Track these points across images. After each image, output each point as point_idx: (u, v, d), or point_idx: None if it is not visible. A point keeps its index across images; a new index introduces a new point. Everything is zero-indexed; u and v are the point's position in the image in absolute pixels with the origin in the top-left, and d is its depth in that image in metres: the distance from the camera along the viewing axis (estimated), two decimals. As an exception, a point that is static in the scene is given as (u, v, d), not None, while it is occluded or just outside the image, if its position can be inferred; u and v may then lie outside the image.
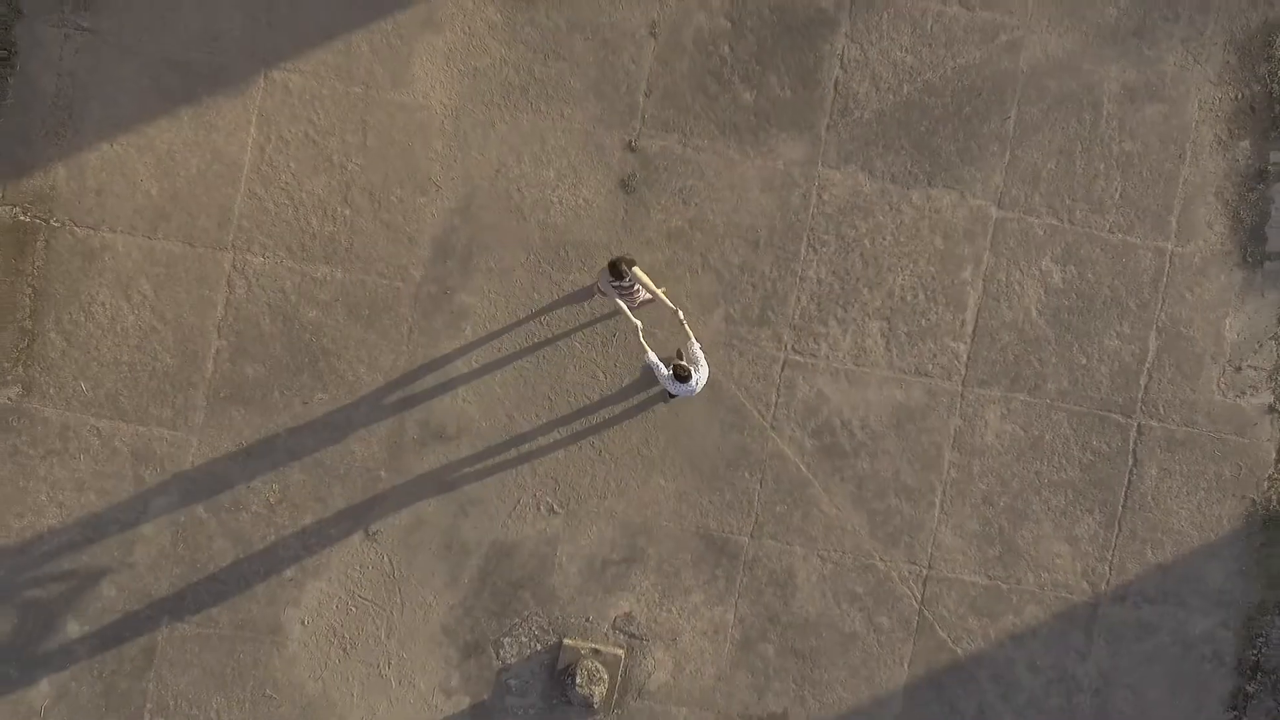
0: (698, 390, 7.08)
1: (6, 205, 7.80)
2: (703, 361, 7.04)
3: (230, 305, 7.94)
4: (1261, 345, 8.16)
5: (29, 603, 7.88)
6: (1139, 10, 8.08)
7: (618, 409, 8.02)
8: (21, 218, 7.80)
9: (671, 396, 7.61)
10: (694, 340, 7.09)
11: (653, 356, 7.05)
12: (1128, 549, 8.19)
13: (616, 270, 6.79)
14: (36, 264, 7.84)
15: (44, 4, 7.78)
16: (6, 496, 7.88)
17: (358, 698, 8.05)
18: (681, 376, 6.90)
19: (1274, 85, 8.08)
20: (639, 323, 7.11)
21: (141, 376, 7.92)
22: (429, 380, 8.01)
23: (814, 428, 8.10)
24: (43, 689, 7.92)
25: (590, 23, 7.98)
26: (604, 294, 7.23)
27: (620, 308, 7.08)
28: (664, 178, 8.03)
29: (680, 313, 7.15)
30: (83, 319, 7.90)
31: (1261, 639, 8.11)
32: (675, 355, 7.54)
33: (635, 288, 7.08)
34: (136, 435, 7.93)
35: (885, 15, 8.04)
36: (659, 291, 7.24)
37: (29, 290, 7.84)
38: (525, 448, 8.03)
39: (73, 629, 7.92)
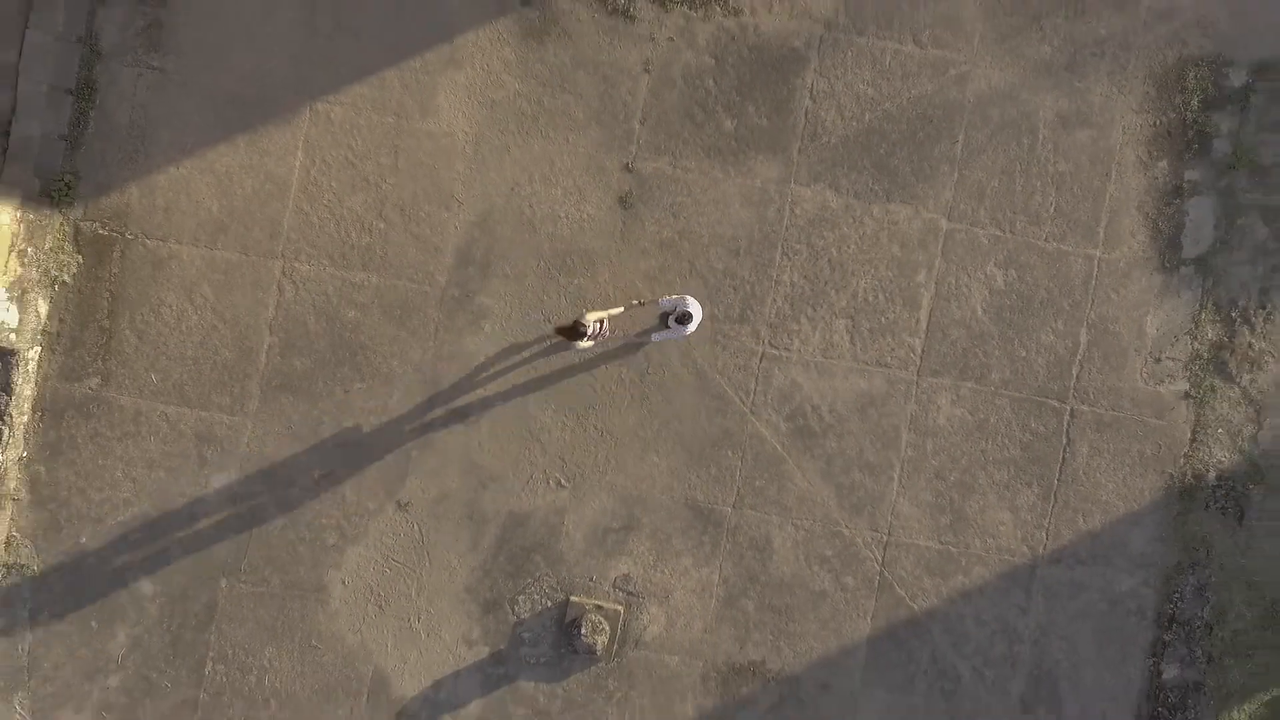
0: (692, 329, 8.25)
1: (88, 221, 9.02)
2: (692, 303, 8.21)
3: (280, 306, 9.17)
4: (1178, 340, 9.37)
5: (107, 565, 9.12)
6: (1070, 47, 9.30)
7: (617, 396, 9.23)
8: (100, 231, 9.03)
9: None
10: (669, 298, 8.29)
11: (657, 336, 8.34)
12: (1062, 517, 9.40)
13: (576, 333, 7.93)
14: (113, 271, 9.06)
15: (120, 47, 9.00)
16: (88, 473, 9.11)
17: (391, 648, 9.28)
18: (682, 320, 8.11)
19: (1187, 113, 9.29)
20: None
21: (204, 369, 9.15)
22: (453, 371, 9.23)
23: (788, 412, 9.32)
24: (119, 639, 9.15)
25: (592, 60, 9.20)
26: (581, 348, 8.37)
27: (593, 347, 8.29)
28: (656, 195, 9.24)
29: (643, 301, 8.40)
30: (152, 319, 9.13)
31: (1178, 595, 9.32)
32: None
33: (601, 329, 8.17)
34: (199, 420, 9.15)
35: (849, 53, 9.26)
36: (619, 310, 8.40)
37: (107, 294, 9.07)
38: (536, 430, 9.25)
39: (145, 588, 9.15)
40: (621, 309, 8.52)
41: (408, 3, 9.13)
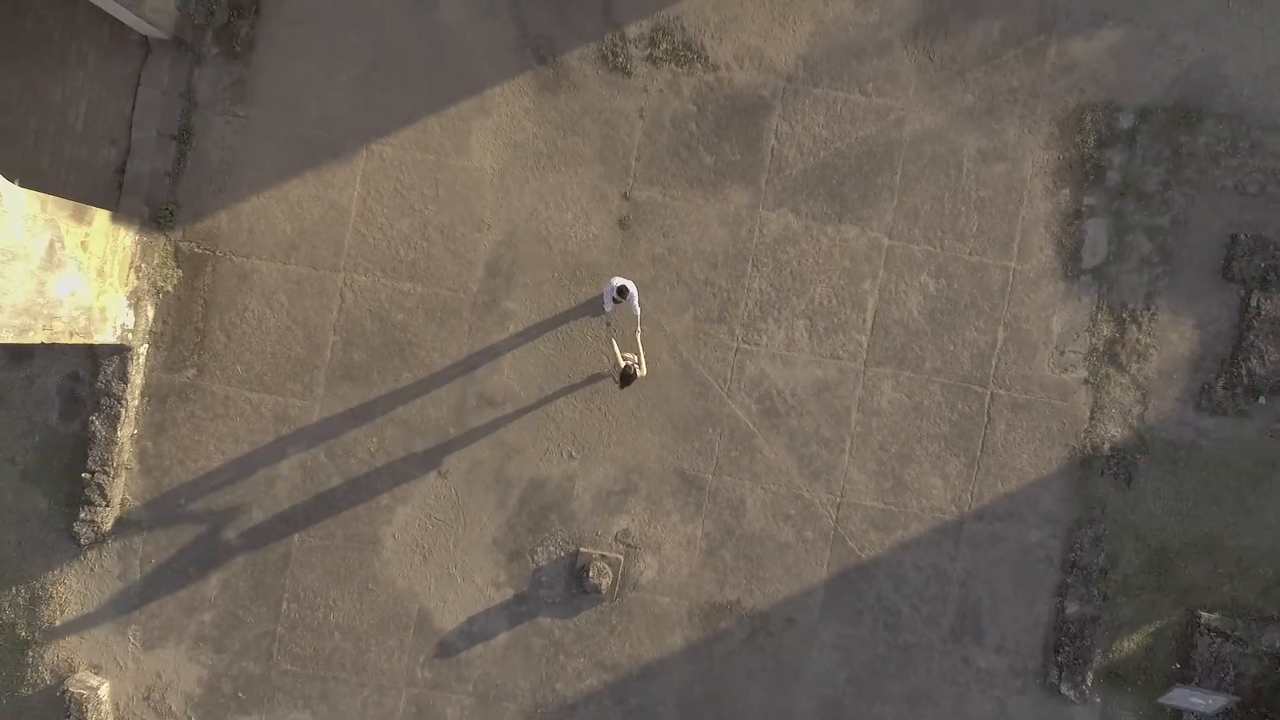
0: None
1: (186, 242, 11.12)
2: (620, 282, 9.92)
3: (342, 311, 11.26)
4: (1078, 336, 11.44)
5: (202, 522, 11.22)
6: (988, 96, 11.37)
7: (615, 382, 11.28)
8: (196, 250, 11.12)
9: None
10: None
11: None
12: (983, 482, 11.48)
13: (628, 377, 9.99)
14: (206, 282, 11.16)
15: (212, 100, 11.10)
16: (186, 447, 11.22)
17: (433, 590, 11.37)
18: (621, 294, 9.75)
19: (1085, 150, 11.35)
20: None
21: (280, 362, 11.24)
22: (483, 363, 11.32)
23: (758, 396, 11.40)
24: (212, 583, 11.25)
25: (596, 108, 11.28)
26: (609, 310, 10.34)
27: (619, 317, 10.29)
28: (649, 218, 11.32)
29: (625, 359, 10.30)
30: (238, 321, 11.23)
31: (1078, 545, 11.39)
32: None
33: (630, 301, 10.11)
34: (276, 403, 11.25)
35: (807, 101, 11.33)
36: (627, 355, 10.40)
37: (201, 301, 11.16)
38: (552, 411, 11.34)
39: (232, 540, 11.25)
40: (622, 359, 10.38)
41: (445, 62, 11.22)
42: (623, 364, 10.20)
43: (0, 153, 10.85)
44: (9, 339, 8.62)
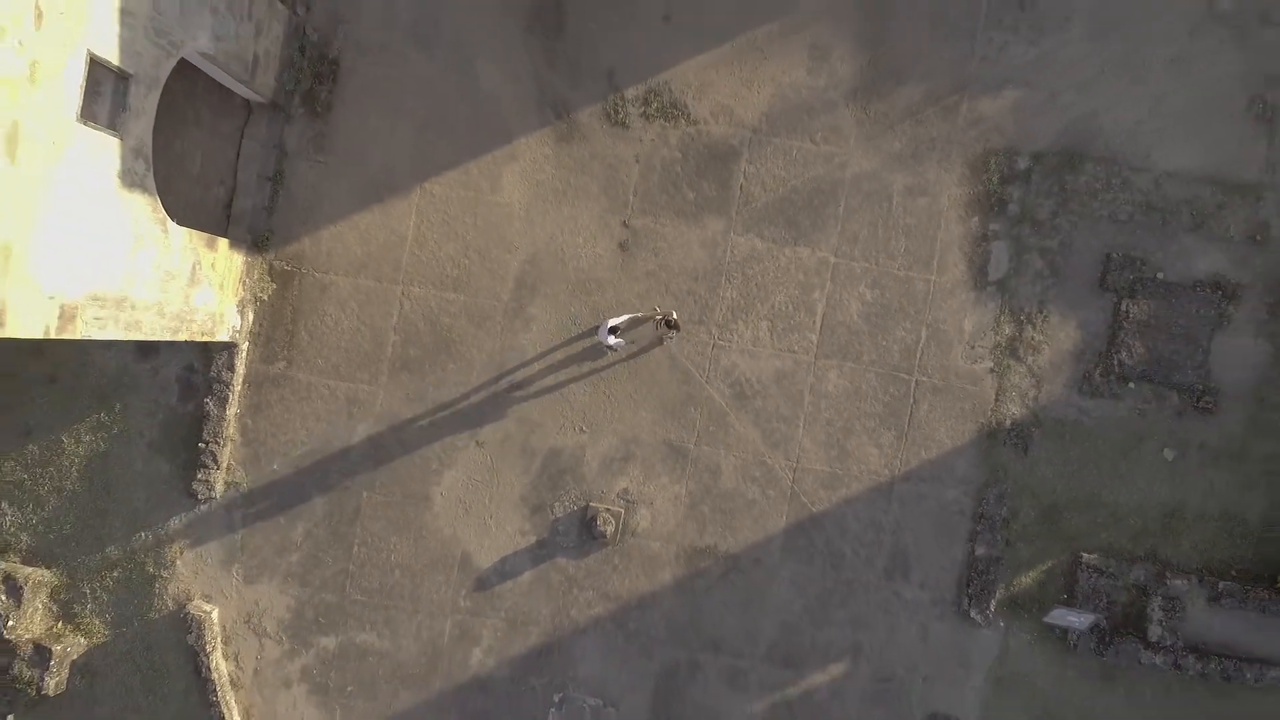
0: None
1: (278, 261, 14.17)
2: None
3: (401, 315, 14.30)
4: (985, 334, 14.46)
5: (290, 483, 14.26)
6: (913, 144, 14.39)
7: (619, 372, 14.33)
8: (286, 268, 14.18)
9: (611, 350, 13.67)
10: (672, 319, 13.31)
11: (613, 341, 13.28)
12: (910, 451, 14.50)
13: (669, 323, 13.05)
14: (294, 293, 14.22)
15: (299, 149, 14.14)
16: (277, 423, 14.27)
17: (472, 537, 14.40)
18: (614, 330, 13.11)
19: (990, 186, 14.37)
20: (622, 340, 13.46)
21: (352, 356, 14.28)
22: (512, 357, 14.35)
23: (730, 383, 14.42)
24: (298, 531, 14.29)
25: (601, 154, 14.32)
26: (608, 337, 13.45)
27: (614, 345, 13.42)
28: (644, 241, 14.36)
29: (659, 311, 13.43)
30: (318, 323, 14.27)
31: (985, 501, 14.40)
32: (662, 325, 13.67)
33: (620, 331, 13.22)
34: (348, 389, 14.29)
35: (768, 148, 14.36)
36: (636, 315, 13.52)
37: (290, 308, 14.21)
38: (566, 394, 14.37)
39: (314, 497, 14.29)
40: (639, 315, 13.50)
41: (482, 119, 14.27)
42: (660, 315, 13.24)
43: (134, 192, 13.90)
44: (166, 337, 11.68)
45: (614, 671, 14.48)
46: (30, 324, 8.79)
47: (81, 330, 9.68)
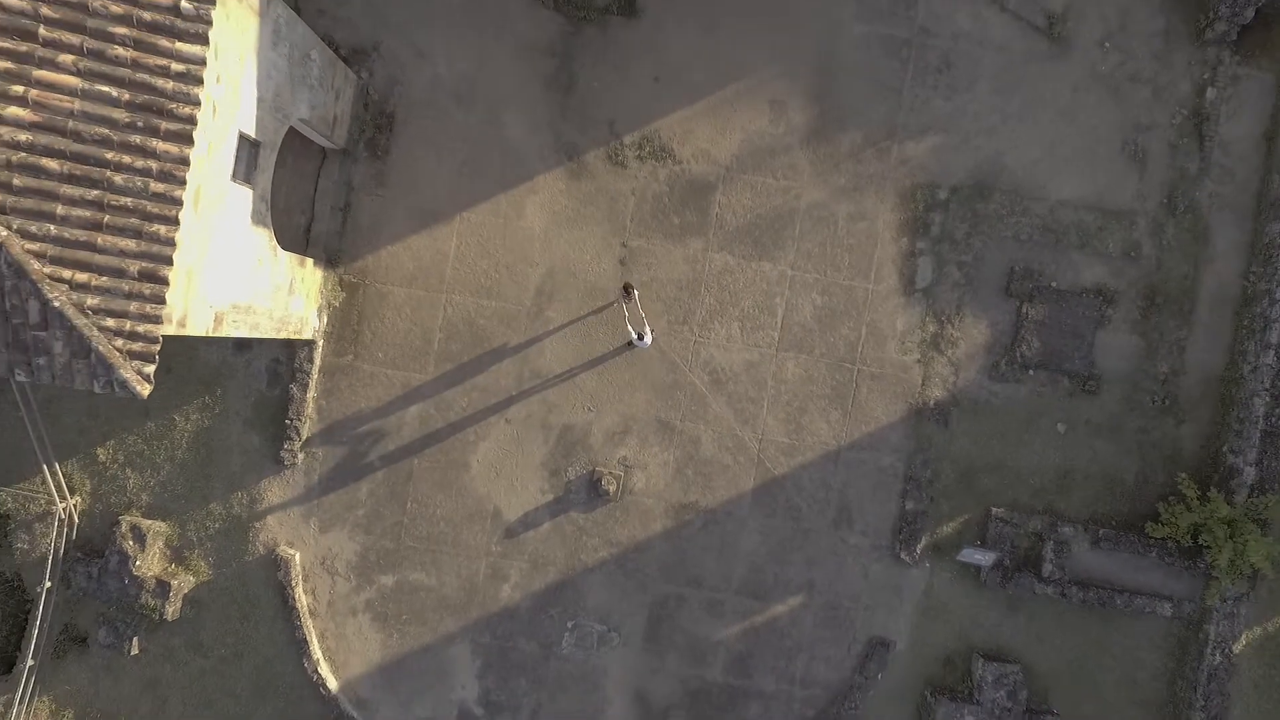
0: (649, 344, 17.08)
1: (347, 275, 17.85)
2: (648, 333, 16.99)
3: (445, 317, 17.98)
4: (913, 332, 18.13)
5: (356, 453, 17.93)
6: (855, 179, 18.07)
7: (620, 364, 18.01)
8: (353, 280, 17.86)
9: (632, 347, 17.50)
10: (648, 326, 17.09)
11: (633, 334, 17.08)
12: (853, 426, 18.17)
13: (628, 290, 16.78)
14: (359, 300, 17.90)
15: (363, 184, 17.83)
16: (346, 405, 17.95)
17: (503, 495, 18.08)
18: (640, 337, 16.87)
19: (916, 212, 18.04)
20: (630, 327, 17.18)
21: (405, 349, 17.97)
22: (534, 349, 18.03)
23: (709, 371, 18.10)
24: (363, 490, 17.99)
25: (604, 189, 18.01)
26: (622, 301, 17.17)
27: (624, 310, 17.10)
28: (639, 258, 18.04)
29: (642, 312, 17.18)
30: (379, 325, 17.95)
31: (914, 465, 18.08)
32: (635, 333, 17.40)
33: (633, 300, 16.97)
34: (403, 377, 17.97)
35: (739, 183, 18.04)
36: (637, 304, 17.27)
37: (356, 312, 17.90)
38: (577, 381, 18.05)
39: (375, 463, 17.97)
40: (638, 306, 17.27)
41: (509, 160, 17.93)
42: (637, 335, 16.96)
43: (233, 220, 17.55)
44: (272, 334, 15.35)
45: (616, 602, 18.16)
46: (199, 326, 12.45)
47: (226, 330, 13.35)
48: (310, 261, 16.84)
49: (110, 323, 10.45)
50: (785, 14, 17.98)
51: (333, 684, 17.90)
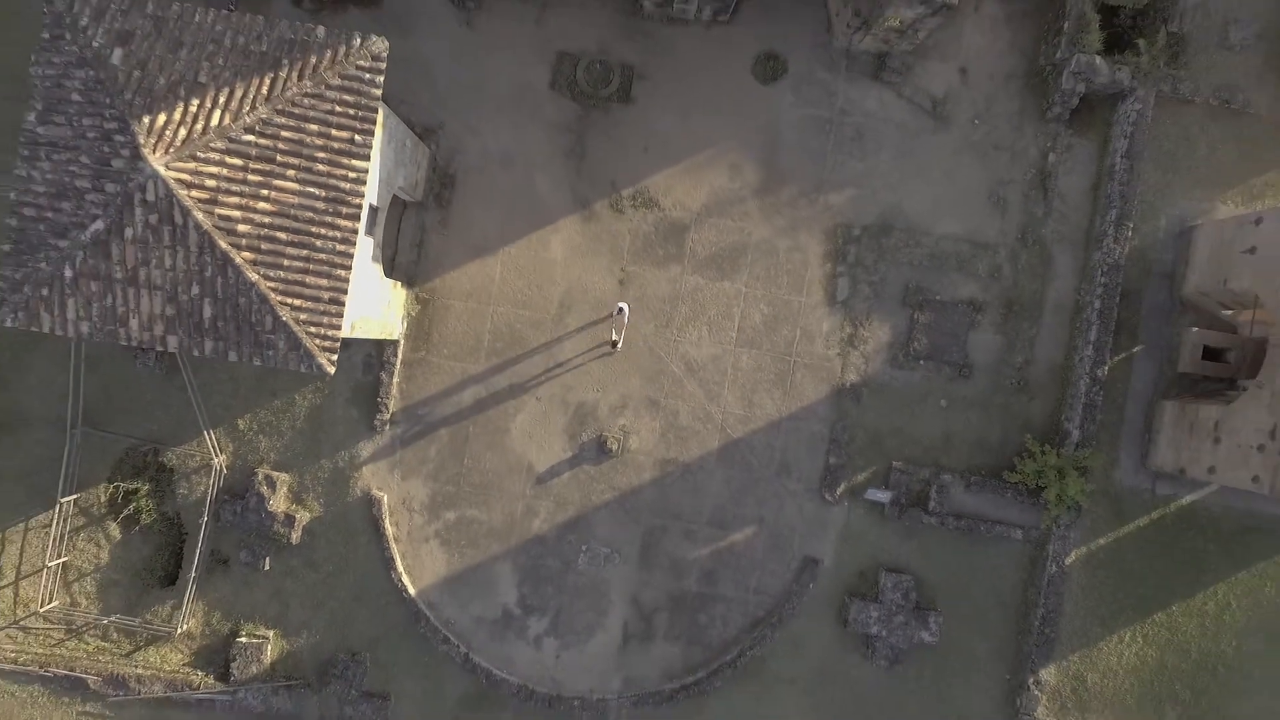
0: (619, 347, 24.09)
1: (421, 293, 24.82)
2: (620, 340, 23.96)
3: (491, 323, 24.95)
4: (835, 333, 25.10)
5: (428, 421, 24.87)
6: (792, 221, 25.03)
7: (619, 358, 24.95)
8: (425, 297, 24.82)
9: (615, 348, 24.51)
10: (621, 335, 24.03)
11: (617, 338, 24.02)
12: (790, 401, 25.15)
13: (620, 310, 23.80)
14: (429, 311, 24.86)
15: (431, 225, 24.79)
16: (421, 387, 24.90)
17: (534, 453, 25.05)
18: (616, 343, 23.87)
19: (837, 245, 24.99)
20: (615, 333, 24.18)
21: (462, 347, 24.93)
22: (556, 346, 25.02)
23: (685, 363, 25.06)
24: (432, 450, 24.97)
25: (608, 229, 25.00)
26: (615, 314, 24.15)
27: (619, 321, 24.11)
28: (634, 280, 25.01)
29: (625, 325, 24.14)
30: (444, 329, 24.92)
31: (835, 430, 25.05)
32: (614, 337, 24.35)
33: (623, 314, 24.01)
34: (461, 368, 24.94)
35: (706, 224, 25.00)
36: (624, 319, 24.24)
37: (427, 320, 24.85)
38: (587, 369, 25.02)
39: (440, 429, 24.94)
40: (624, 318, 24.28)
41: (538, 208, 24.87)
42: (616, 339, 23.93)
43: (338, 253, 24.50)
44: (377, 336, 22.28)
45: (617, 531, 25.08)
46: (350, 332, 19.31)
47: (356, 333, 20.23)
48: (397, 284, 23.77)
49: (311, 329, 17.36)
50: (740, 102, 24.95)
51: (411, 591, 24.81)
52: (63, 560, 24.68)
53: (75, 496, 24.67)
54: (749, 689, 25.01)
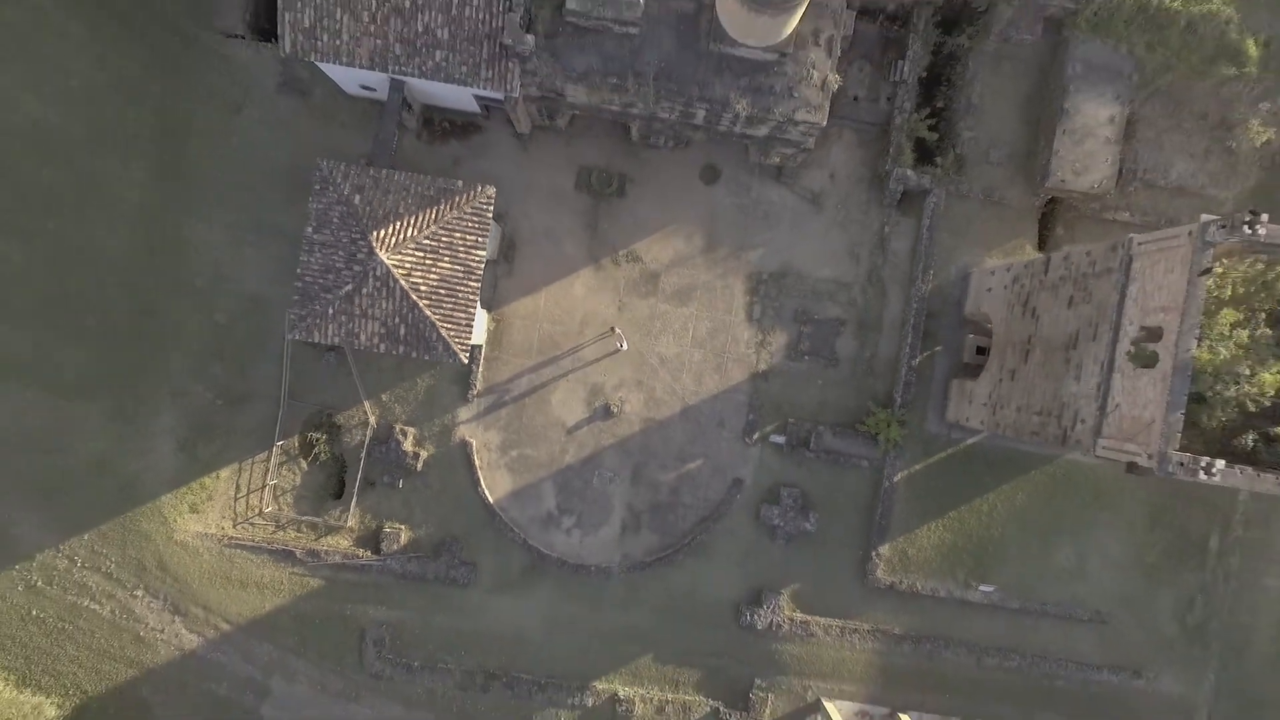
0: (626, 350, 40.00)
1: (496, 316, 40.69)
2: (624, 345, 39.80)
3: (540, 334, 40.87)
4: (752, 339, 40.95)
5: (502, 397, 40.74)
6: (725, 269, 40.93)
7: (618, 358, 40.75)
8: (498, 318, 40.77)
9: (618, 350, 40.34)
10: (624, 343, 39.90)
11: (621, 346, 39.92)
12: (725, 382, 41.07)
13: (614, 329, 39.68)
14: (501, 327, 40.80)
15: (503, 273, 40.63)
16: (495, 374, 40.85)
17: (567, 415, 41.30)
18: (619, 348, 39.77)
19: (754, 284, 40.78)
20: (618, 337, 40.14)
21: (521, 349, 40.91)
22: (581, 352, 40.80)
23: (659, 359, 40.94)
24: (503, 414, 40.97)
25: (611, 277, 41.10)
26: (613, 329, 40.00)
27: (617, 334, 40.00)
28: (626, 307, 40.93)
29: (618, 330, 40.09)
30: (509, 338, 40.97)
31: (753, 400, 40.87)
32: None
33: (616, 331, 39.86)
34: (520, 362, 40.97)
35: (675, 273, 40.96)
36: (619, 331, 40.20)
37: (500, 332, 40.77)
38: (599, 363, 40.86)
39: (506, 401, 40.83)
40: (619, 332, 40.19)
41: (565, 263, 40.81)
42: (621, 346, 39.87)
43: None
44: (480, 342, 38.09)
45: (617, 463, 40.91)
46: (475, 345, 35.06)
47: (472, 340, 36.04)
48: (486, 312, 39.54)
49: (454, 338, 33.10)
50: (693, 196, 40.85)
51: (490, 500, 40.55)
52: (274, 482, 40.49)
53: (282, 443, 40.48)
54: (699, 560, 40.82)
